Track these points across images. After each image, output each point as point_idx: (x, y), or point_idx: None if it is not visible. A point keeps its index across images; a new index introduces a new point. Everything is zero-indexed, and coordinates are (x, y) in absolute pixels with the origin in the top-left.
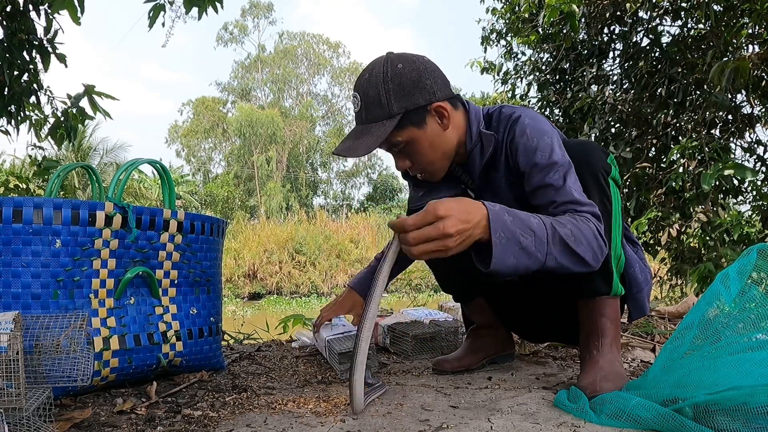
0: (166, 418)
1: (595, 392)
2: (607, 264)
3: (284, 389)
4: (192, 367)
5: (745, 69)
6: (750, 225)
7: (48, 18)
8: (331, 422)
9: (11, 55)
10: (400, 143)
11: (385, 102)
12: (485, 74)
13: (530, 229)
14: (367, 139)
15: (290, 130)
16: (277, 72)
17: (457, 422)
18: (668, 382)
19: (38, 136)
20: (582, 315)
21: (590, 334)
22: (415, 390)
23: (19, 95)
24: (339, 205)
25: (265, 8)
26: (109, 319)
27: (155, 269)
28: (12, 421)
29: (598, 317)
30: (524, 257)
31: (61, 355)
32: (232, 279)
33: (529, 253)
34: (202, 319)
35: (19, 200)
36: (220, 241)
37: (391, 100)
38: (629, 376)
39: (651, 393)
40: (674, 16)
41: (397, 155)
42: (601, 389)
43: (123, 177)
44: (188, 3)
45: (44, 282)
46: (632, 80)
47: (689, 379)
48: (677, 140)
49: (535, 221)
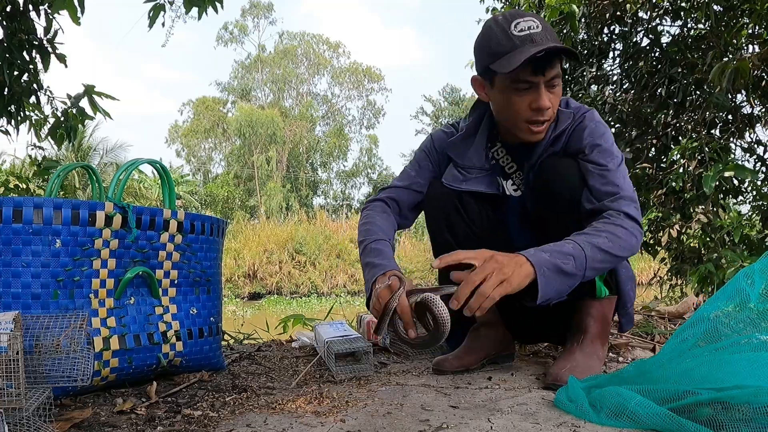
0: (166, 418)
1: (556, 380)
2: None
3: (284, 389)
4: (192, 367)
5: (745, 69)
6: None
7: (48, 18)
8: (331, 422)
9: (11, 55)
10: (559, 76)
11: (554, 32)
12: None
13: (569, 255)
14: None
15: (290, 130)
16: (277, 72)
17: (457, 422)
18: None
19: (38, 136)
20: (574, 313)
21: (575, 330)
22: (415, 390)
23: (19, 95)
24: (339, 205)
25: (265, 8)
26: (109, 319)
27: (155, 269)
28: (12, 421)
29: (583, 316)
30: (567, 279)
31: (61, 355)
32: (232, 279)
33: (572, 275)
34: (202, 319)
35: (19, 200)
36: (220, 241)
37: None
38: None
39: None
40: (674, 16)
41: (547, 91)
42: (564, 379)
43: (123, 177)
44: (188, 3)
45: (44, 282)
46: (632, 80)
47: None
48: (677, 140)
49: (569, 246)
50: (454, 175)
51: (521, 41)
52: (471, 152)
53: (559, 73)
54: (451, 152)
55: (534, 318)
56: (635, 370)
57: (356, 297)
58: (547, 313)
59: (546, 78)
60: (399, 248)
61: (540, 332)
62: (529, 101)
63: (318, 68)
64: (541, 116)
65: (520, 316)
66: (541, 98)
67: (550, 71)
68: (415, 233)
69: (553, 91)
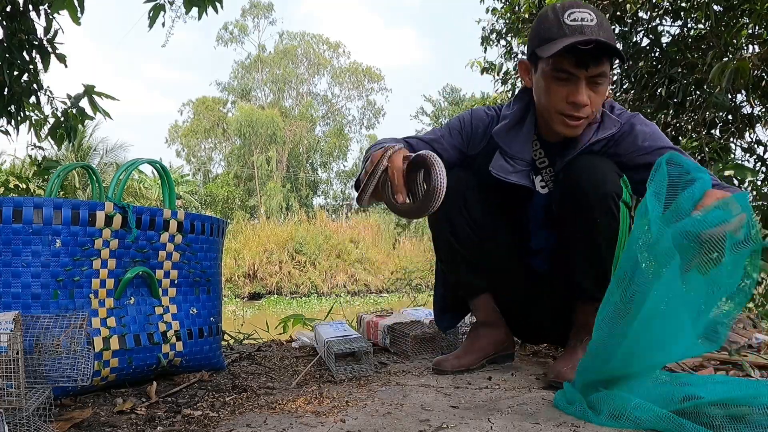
0: (166, 418)
1: (559, 378)
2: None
3: (284, 389)
4: (192, 367)
5: (745, 69)
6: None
7: (48, 18)
8: (331, 422)
9: (11, 55)
10: (605, 75)
11: (613, 35)
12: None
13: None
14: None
15: (290, 130)
16: (277, 72)
17: (457, 422)
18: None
19: (38, 136)
20: (577, 313)
21: (580, 329)
22: (415, 390)
23: (19, 95)
24: (339, 205)
25: (265, 8)
26: (109, 319)
27: (155, 269)
28: (12, 421)
29: (586, 316)
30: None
31: (61, 355)
32: (232, 279)
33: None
34: (202, 319)
35: (19, 200)
36: (220, 241)
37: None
38: None
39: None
40: (674, 16)
41: (588, 87)
42: (567, 378)
43: (123, 177)
44: (188, 3)
45: (44, 282)
46: (632, 80)
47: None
48: (677, 140)
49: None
50: (502, 166)
51: (571, 30)
52: (519, 143)
53: (605, 72)
54: (500, 140)
55: (536, 318)
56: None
57: (356, 297)
58: (549, 313)
59: (589, 73)
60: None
61: (541, 332)
62: (566, 93)
63: (318, 68)
64: (577, 111)
65: (521, 316)
66: (579, 93)
67: (595, 68)
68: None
69: (596, 90)
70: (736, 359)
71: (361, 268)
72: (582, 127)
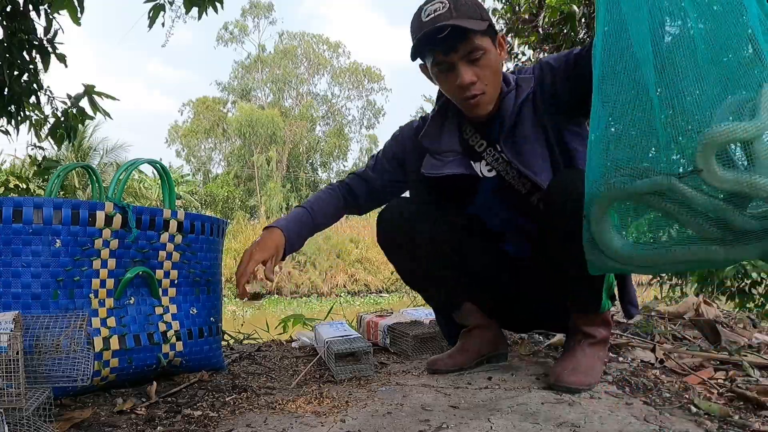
0: (166, 418)
1: (558, 381)
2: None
3: (284, 389)
4: (192, 367)
5: None
6: None
7: (48, 18)
8: (331, 422)
9: (11, 55)
10: (480, 48)
11: (476, 9)
12: None
13: None
14: (464, 21)
15: (290, 130)
16: (277, 72)
17: (457, 422)
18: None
19: (38, 136)
20: (571, 320)
21: (576, 333)
22: (415, 390)
23: (19, 95)
24: None
25: (266, 8)
26: (109, 319)
27: (155, 269)
28: (12, 421)
29: (585, 324)
30: None
31: (61, 355)
32: (232, 279)
33: None
34: (202, 319)
35: (19, 200)
36: (220, 241)
37: (481, 9)
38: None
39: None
40: None
41: (468, 66)
42: (567, 380)
43: (123, 177)
44: (188, 3)
45: (44, 282)
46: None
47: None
48: None
49: None
50: (433, 164)
51: (425, 26)
52: (445, 137)
53: (477, 46)
54: (427, 141)
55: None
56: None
57: (356, 297)
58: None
59: (460, 55)
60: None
61: (531, 318)
62: (453, 79)
63: (318, 68)
64: (469, 91)
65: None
66: (461, 75)
67: (463, 47)
68: None
69: (478, 64)
70: (736, 359)
71: (361, 268)
72: (488, 103)
